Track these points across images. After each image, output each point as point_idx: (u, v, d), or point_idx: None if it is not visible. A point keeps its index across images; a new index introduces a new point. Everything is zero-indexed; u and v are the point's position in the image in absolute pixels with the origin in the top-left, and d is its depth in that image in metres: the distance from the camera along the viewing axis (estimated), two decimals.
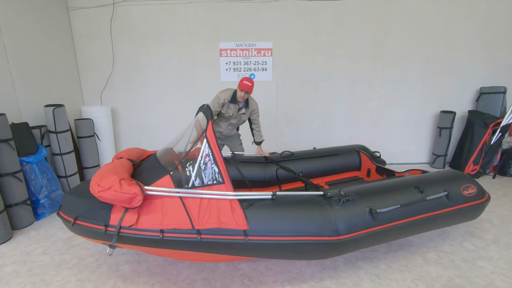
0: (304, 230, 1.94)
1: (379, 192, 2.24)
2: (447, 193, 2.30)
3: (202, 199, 1.91)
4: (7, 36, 3.24)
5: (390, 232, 2.14)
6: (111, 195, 1.75)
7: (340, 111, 4.69)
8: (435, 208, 2.25)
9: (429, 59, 4.43)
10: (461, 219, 2.46)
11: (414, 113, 4.65)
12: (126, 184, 1.78)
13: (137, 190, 1.79)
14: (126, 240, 1.87)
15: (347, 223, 2.01)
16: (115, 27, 4.30)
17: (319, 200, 2.10)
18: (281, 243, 1.91)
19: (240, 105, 3.12)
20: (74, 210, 1.98)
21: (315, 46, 4.42)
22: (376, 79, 4.54)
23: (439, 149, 4.55)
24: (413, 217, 2.18)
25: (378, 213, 2.07)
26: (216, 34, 4.35)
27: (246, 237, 1.86)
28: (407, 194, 2.24)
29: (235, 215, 1.88)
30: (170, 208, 1.87)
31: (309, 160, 3.45)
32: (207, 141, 1.96)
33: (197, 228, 1.83)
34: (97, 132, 4.24)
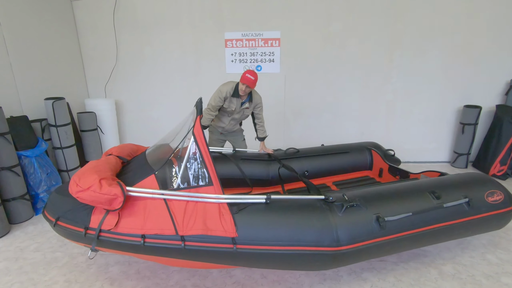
0: (301, 239, 1.74)
1: (389, 197, 1.99)
2: (468, 199, 2.02)
3: (188, 202, 1.75)
4: (6, 27, 3.18)
5: (400, 243, 1.90)
6: (90, 196, 1.63)
7: (351, 105, 4.39)
8: (454, 216, 1.98)
9: (453, 48, 4.03)
10: (484, 229, 2.18)
11: (434, 107, 4.28)
12: (106, 185, 1.65)
13: (117, 191, 1.65)
14: (106, 244, 1.75)
15: (350, 232, 1.79)
16: (118, 17, 4.18)
17: (320, 205, 1.88)
18: (274, 253, 1.72)
19: (243, 99, 2.93)
20: (57, 210, 1.87)
21: (326, 36, 4.12)
22: (392, 71, 4.20)
23: (462, 147, 4.18)
24: (427, 226, 1.92)
25: (386, 221, 1.84)
26: (221, 24, 4.15)
27: (235, 246, 1.68)
28: (421, 200, 1.99)
29: (223, 221, 1.71)
30: (153, 211, 1.73)
31: (316, 158, 3.22)
32: (194, 138, 1.78)
33: (181, 234, 1.68)
34: (101, 125, 4.19)
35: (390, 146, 4.32)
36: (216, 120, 3.15)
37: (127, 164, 2.21)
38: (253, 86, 2.79)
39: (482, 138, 4.17)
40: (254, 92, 2.99)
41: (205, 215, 1.72)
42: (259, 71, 4.27)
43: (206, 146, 1.79)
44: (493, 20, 3.89)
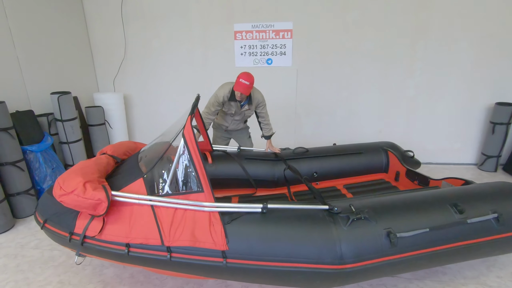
0: (300, 254, 1.56)
1: (403, 209, 1.76)
2: (497, 215, 1.75)
3: (177, 209, 1.61)
4: (13, 21, 3.15)
5: (414, 262, 1.68)
6: (73, 200, 1.53)
7: (369, 101, 4.09)
8: (479, 234, 1.73)
9: (484, 39, 3.63)
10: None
11: (462, 104, 3.90)
12: (90, 189, 1.54)
13: (101, 195, 1.54)
14: (91, 251, 1.65)
15: (356, 249, 1.59)
16: (126, 10, 4.09)
17: (323, 217, 1.69)
18: (268, 269, 1.56)
19: (242, 101, 2.76)
20: (45, 212, 1.81)
21: (343, 26, 3.83)
22: (415, 64, 3.85)
23: (491, 149, 3.80)
24: (447, 245, 1.68)
25: (398, 238, 1.62)
26: (230, 15, 3.95)
27: (225, 260, 1.53)
28: (441, 213, 1.74)
29: (213, 232, 1.56)
30: (140, 219, 1.61)
31: (326, 159, 3.00)
32: (184, 140, 1.63)
33: (167, 245, 1.55)
34: (109, 119, 4.16)
35: (410, 145, 4.02)
36: (219, 118, 3.01)
37: (120, 164, 2.11)
38: (247, 93, 2.61)
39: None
40: (254, 91, 2.80)
41: (194, 225, 1.58)
42: (270, 64, 4.06)
43: (197, 149, 1.63)
44: None
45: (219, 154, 2.92)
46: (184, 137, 1.63)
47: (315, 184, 2.97)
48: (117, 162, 2.10)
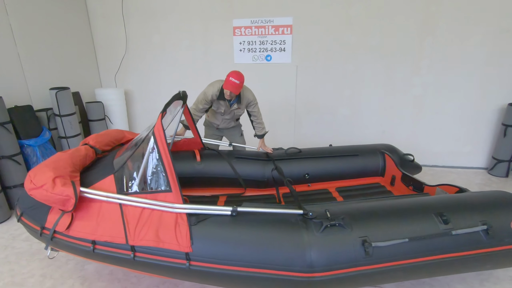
0: (266, 260, 1.50)
1: (382, 217, 1.65)
2: (486, 227, 1.61)
3: (144, 209, 1.59)
4: (14, 18, 3.22)
5: (392, 273, 1.57)
6: (42, 195, 1.53)
7: (372, 100, 3.93)
8: (465, 247, 1.60)
9: (500, 35, 3.37)
10: (509, 263, 1.76)
11: (472, 104, 3.67)
12: (59, 184, 1.54)
13: (69, 192, 1.54)
14: (61, 246, 1.67)
15: (327, 257, 1.50)
16: (127, 6, 4.10)
17: (295, 221, 1.61)
18: (232, 274, 1.51)
19: (231, 100, 2.70)
20: (23, 205, 1.84)
21: (345, 21, 3.67)
22: (422, 61, 3.64)
23: (503, 153, 3.55)
24: (429, 257, 1.57)
25: (374, 247, 1.52)
26: (230, 10, 3.88)
27: (188, 262, 1.50)
28: (424, 223, 1.62)
29: (178, 233, 1.53)
30: (107, 216, 1.60)
31: (320, 160, 2.89)
32: (154, 138, 1.60)
33: (131, 243, 1.54)
34: (110, 115, 4.22)
35: (416, 147, 3.86)
36: (210, 116, 2.97)
37: (102, 157, 2.11)
38: (237, 92, 2.54)
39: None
40: (244, 90, 2.72)
41: (160, 225, 1.55)
42: (269, 61, 3.97)
43: (166, 148, 1.59)
44: None
45: (209, 152, 2.89)
46: (154, 135, 1.59)
47: (306, 186, 2.88)
48: (98, 154, 2.09)
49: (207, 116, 2.98)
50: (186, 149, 2.91)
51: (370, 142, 3.88)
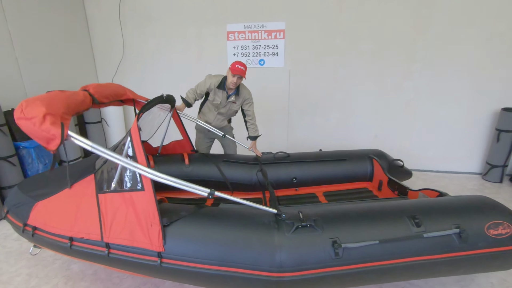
0: (236, 259, 1.53)
1: (355, 219, 1.67)
2: (459, 230, 1.60)
3: (120, 207, 1.63)
4: (13, 23, 3.32)
5: (362, 275, 1.58)
6: (29, 127, 1.47)
7: (365, 104, 3.93)
8: (437, 250, 1.59)
9: (492, 39, 3.36)
10: (484, 269, 1.75)
11: (465, 109, 3.65)
12: (49, 121, 1.46)
13: (57, 132, 1.46)
14: (42, 243, 1.74)
15: (297, 257, 1.53)
16: (124, 11, 4.19)
17: (267, 222, 1.65)
18: (203, 272, 1.54)
19: (230, 92, 2.76)
20: (9, 203, 1.92)
21: (336, 26, 3.70)
22: (414, 65, 3.64)
23: (496, 158, 3.52)
24: (399, 259, 1.57)
25: (344, 248, 1.53)
26: (223, 15, 3.94)
27: (159, 260, 1.55)
28: (395, 226, 1.63)
29: (151, 232, 1.57)
30: (85, 213, 1.67)
31: (308, 164, 2.91)
32: (130, 138, 1.65)
33: (106, 241, 1.60)
34: (107, 117, 4.30)
35: (409, 152, 3.86)
36: (202, 115, 3.01)
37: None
38: (244, 76, 2.64)
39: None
40: (242, 86, 2.81)
41: (134, 224, 1.59)
42: (262, 65, 4.01)
43: (141, 147, 1.63)
44: None
45: (196, 155, 2.93)
46: (131, 135, 1.64)
47: (294, 190, 2.89)
48: (94, 104, 1.99)
49: (199, 116, 3.02)
50: (175, 152, 2.96)
51: (363, 145, 3.91)
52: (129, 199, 1.61)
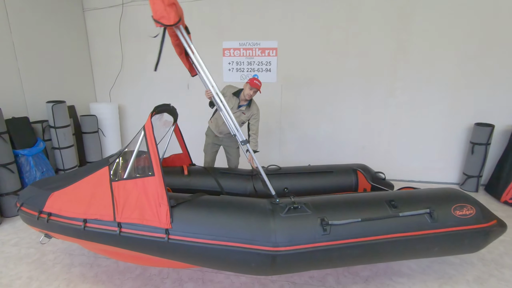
0: (236, 235, 1.72)
1: (340, 203, 1.91)
2: (429, 210, 1.85)
3: (132, 191, 1.80)
4: (17, 34, 3.47)
5: (348, 251, 1.77)
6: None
7: (352, 118, 4.19)
8: (412, 228, 1.82)
9: (466, 61, 3.71)
10: (455, 249, 1.98)
11: (443, 123, 3.95)
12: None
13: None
14: (55, 228, 1.87)
15: (290, 233, 1.73)
16: (124, 26, 4.39)
17: (263, 205, 1.88)
18: (206, 246, 1.71)
19: (242, 103, 3.04)
20: (23, 197, 2.03)
21: (325, 45, 4.00)
22: (396, 83, 3.95)
23: (472, 169, 3.80)
24: (379, 235, 1.78)
25: (331, 225, 1.75)
26: (219, 33, 4.19)
27: (167, 236, 1.70)
28: (375, 208, 1.87)
29: (159, 212, 1.74)
30: (99, 198, 1.82)
31: (298, 176, 3.09)
32: (144, 132, 1.83)
33: (118, 220, 1.75)
34: (103, 128, 4.39)
35: (394, 163, 4.12)
36: (213, 119, 3.24)
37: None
38: (260, 90, 2.97)
39: (497, 160, 3.76)
40: (253, 102, 3.09)
41: (144, 205, 1.76)
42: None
43: (154, 140, 1.82)
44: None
45: (195, 168, 3.08)
46: (144, 130, 1.83)
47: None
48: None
49: (211, 121, 3.26)
50: (174, 165, 3.10)
51: (350, 156, 4.15)
52: (140, 184, 1.78)
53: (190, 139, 3.27)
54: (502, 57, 3.60)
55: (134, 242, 1.75)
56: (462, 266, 2.37)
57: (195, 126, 3.90)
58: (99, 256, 2.48)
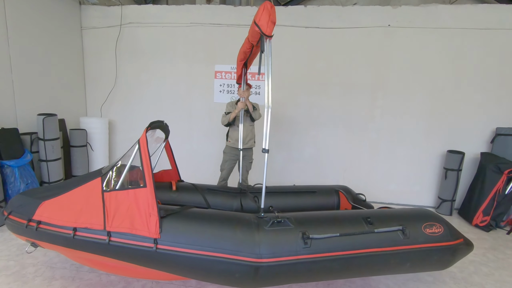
0: (221, 246, 1.81)
1: (320, 219, 2.05)
2: (402, 227, 2.01)
3: (123, 202, 1.86)
4: (14, 47, 3.56)
5: (327, 264, 1.88)
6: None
7: (335, 141, 4.42)
8: (386, 243, 1.96)
9: (437, 93, 4.07)
10: (425, 265, 2.11)
11: (418, 149, 4.23)
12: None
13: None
14: (43, 237, 1.89)
15: (273, 246, 1.83)
16: (120, 46, 4.57)
17: (248, 219, 1.98)
18: (193, 256, 1.78)
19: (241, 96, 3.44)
20: (12, 206, 2.05)
21: (311, 73, 4.30)
22: (375, 110, 4.25)
23: (446, 193, 4.04)
24: (357, 250, 1.91)
25: (311, 239, 1.86)
26: (212, 57, 4.43)
27: (155, 246, 1.77)
28: (353, 224, 2.01)
29: (149, 222, 1.81)
30: (90, 207, 1.88)
31: (283, 195, 3.22)
32: (138, 146, 1.94)
33: (108, 229, 1.80)
34: (92, 142, 4.42)
35: (373, 185, 4.31)
36: (230, 138, 3.51)
37: None
38: (250, 86, 3.47)
39: (468, 185, 4.03)
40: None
41: (134, 215, 1.82)
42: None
43: (147, 152, 1.92)
44: (479, 69, 3.94)
45: (183, 184, 3.15)
46: (139, 143, 1.94)
47: None
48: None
49: (228, 141, 3.53)
50: (163, 180, 3.17)
51: (332, 178, 4.33)
52: (132, 195, 1.86)
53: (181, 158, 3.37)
54: (467, 91, 3.98)
55: (123, 251, 1.80)
56: (435, 284, 2.50)
57: (186, 144, 4.01)
58: (81, 270, 2.46)
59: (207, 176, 4.12)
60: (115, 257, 1.85)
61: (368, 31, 4.09)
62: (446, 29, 3.93)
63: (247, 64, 3.22)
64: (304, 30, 4.22)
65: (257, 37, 2.13)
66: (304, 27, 4.22)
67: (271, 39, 2.03)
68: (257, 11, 1.98)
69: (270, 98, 2.07)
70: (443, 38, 3.95)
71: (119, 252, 1.81)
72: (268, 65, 2.05)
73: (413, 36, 4.01)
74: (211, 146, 4.58)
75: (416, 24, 3.99)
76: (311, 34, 4.22)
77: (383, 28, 4.06)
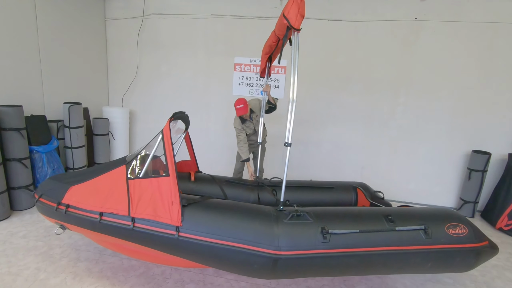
0: (241, 237, 1.83)
1: (340, 215, 2.02)
2: (424, 227, 1.94)
3: (147, 189, 1.92)
4: (43, 38, 3.68)
5: (345, 260, 1.87)
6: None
7: (353, 138, 4.35)
8: (407, 242, 1.91)
9: (464, 90, 3.90)
10: (448, 266, 2.05)
11: (441, 148, 4.10)
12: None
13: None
14: (72, 220, 1.99)
15: (292, 239, 1.84)
16: (142, 37, 4.64)
17: (268, 211, 1.99)
18: (213, 245, 1.82)
19: (246, 118, 3.39)
20: (42, 190, 2.15)
21: (332, 67, 4.21)
22: (397, 107, 4.13)
23: (468, 194, 3.91)
24: (376, 247, 1.88)
25: (330, 233, 1.85)
26: (232, 49, 4.42)
27: (177, 233, 1.82)
28: (373, 221, 1.97)
29: (171, 210, 1.86)
30: (116, 193, 1.95)
31: (300, 190, 3.21)
32: (162, 136, 1.97)
33: (132, 215, 1.87)
34: (114, 131, 4.55)
35: (392, 184, 4.23)
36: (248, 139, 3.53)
37: None
38: (247, 111, 3.25)
39: (493, 187, 3.88)
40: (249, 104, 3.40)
41: (157, 202, 1.88)
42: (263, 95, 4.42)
43: (170, 143, 1.96)
44: (510, 63, 3.73)
45: (202, 175, 3.20)
46: (162, 133, 1.98)
47: None
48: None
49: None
50: (181, 171, 3.23)
51: (350, 175, 4.26)
52: (155, 183, 1.91)
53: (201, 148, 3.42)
54: (497, 89, 3.79)
55: (146, 237, 1.86)
56: (454, 286, 2.45)
57: (203, 136, 4.04)
58: (104, 253, 2.57)
59: (224, 168, 4.15)
60: (138, 242, 1.91)
61: (393, 24, 3.95)
62: (476, 23, 3.74)
63: (272, 58, 3.17)
64: (326, 23, 4.13)
65: (284, 30, 2.08)
66: (327, 20, 4.13)
67: (299, 32, 2.00)
68: (287, 4, 1.94)
69: (295, 92, 2.03)
70: (473, 33, 3.77)
71: (142, 237, 1.87)
72: (295, 59, 2.02)
73: (441, 30, 3.84)
74: (228, 138, 4.61)
75: (444, 18, 3.81)
76: (333, 27, 4.12)
77: (409, 21, 3.91)
